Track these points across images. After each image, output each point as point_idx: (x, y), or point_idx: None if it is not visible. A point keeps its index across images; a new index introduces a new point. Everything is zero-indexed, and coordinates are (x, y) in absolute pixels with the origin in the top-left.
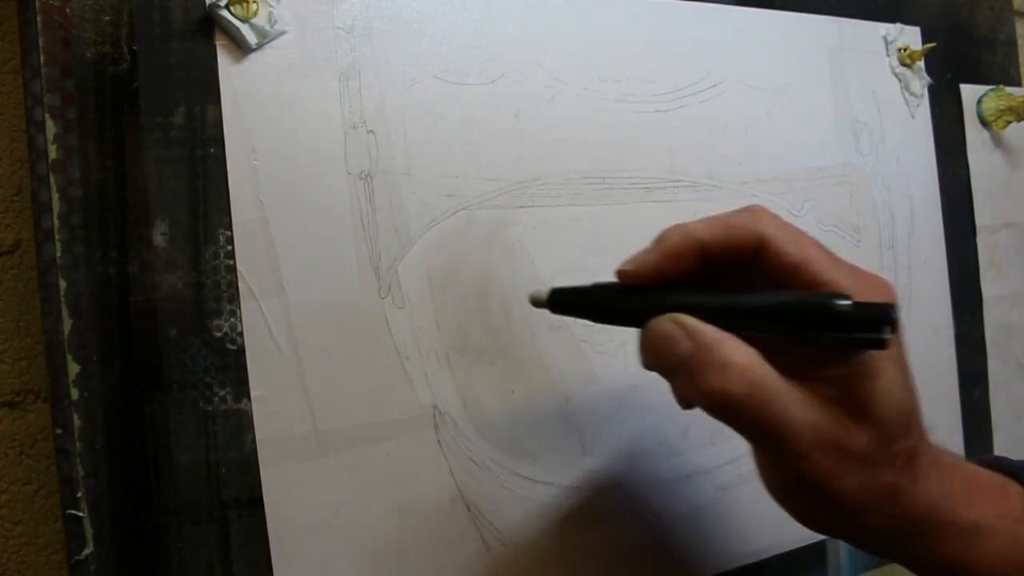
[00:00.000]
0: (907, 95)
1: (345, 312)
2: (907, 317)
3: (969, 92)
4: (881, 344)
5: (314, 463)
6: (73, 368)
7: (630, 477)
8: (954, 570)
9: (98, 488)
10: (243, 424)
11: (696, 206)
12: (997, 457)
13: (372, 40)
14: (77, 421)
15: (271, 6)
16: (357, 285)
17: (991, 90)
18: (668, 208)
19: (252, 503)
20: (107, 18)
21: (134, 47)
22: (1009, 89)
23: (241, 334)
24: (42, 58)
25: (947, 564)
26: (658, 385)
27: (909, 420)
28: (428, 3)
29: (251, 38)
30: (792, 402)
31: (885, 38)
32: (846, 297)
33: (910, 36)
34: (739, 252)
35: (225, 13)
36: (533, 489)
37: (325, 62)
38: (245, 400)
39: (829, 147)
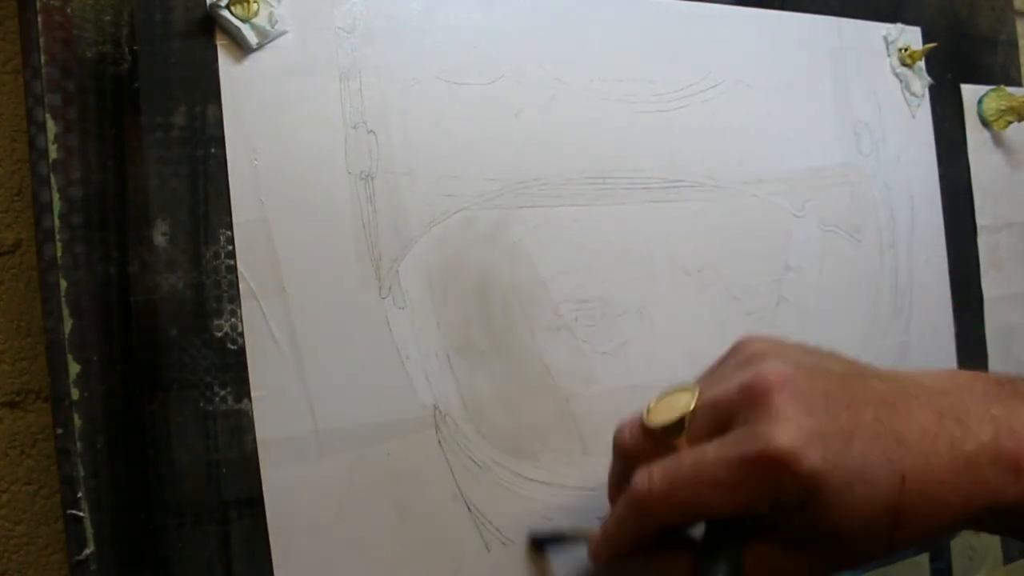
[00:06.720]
0: (908, 95)
1: (345, 312)
2: (908, 317)
3: (970, 92)
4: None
5: (314, 463)
6: (74, 368)
7: None
8: None
9: (99, 488)
10: (243, 424)
11: (696, 206)
12: None
13: (373, 40)
14: (78, 421)
15: (272, 6)
16: (357, 285)
17: (992, 90)
18: (669, 208)
19: (252, 503)
20: (108, 18)
21: (135, 47)
22: (1010, 89)
23: (242, 334)
24: (43, 58)
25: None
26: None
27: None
28: (428, 3)
29: (252, 38)
30: None
31: (886, 38)
32: None
33: (911, 36)
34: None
35: (226, 13)
36: (533, 489)
37: (326, 62)
38: (245, 400)
39: (830, 147)
